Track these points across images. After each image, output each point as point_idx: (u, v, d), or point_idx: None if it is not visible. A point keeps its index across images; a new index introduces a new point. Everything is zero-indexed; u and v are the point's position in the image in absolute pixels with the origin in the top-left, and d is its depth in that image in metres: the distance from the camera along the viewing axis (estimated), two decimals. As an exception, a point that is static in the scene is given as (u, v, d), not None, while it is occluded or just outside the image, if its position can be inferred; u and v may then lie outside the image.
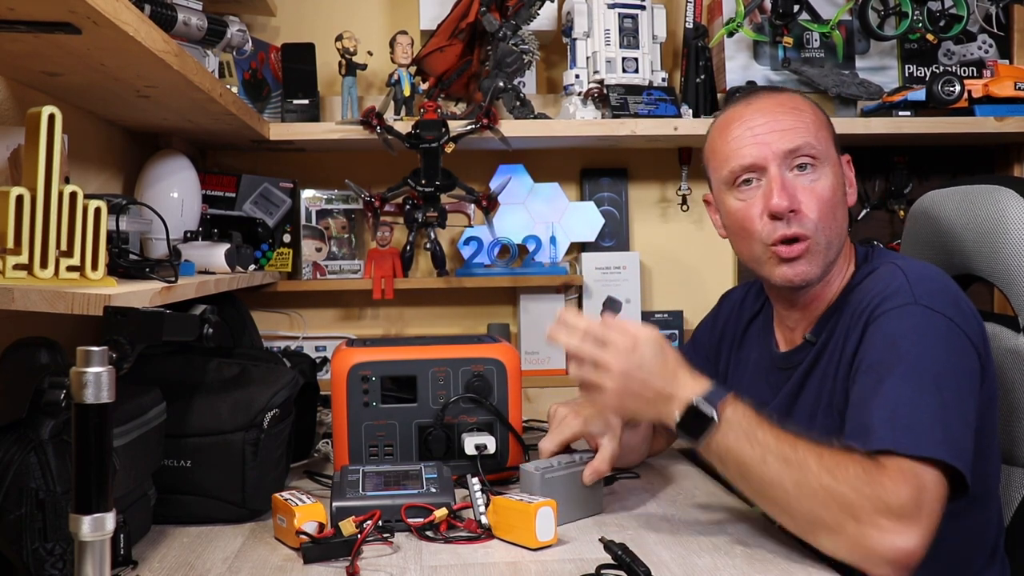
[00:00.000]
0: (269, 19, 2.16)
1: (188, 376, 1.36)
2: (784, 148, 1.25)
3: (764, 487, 1.09)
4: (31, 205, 0.99)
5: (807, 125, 1.27)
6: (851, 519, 1.02)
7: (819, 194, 1.25)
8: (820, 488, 1.04)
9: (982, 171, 2.23)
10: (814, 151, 1.25)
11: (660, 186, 2.26)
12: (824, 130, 1.29)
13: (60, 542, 0.98)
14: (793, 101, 1.30)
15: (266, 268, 1.97)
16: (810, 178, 1.25)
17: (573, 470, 1.29)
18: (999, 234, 1.40)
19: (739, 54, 2.13)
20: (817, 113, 1.31)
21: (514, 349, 1.58)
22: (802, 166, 1.25)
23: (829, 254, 1.26)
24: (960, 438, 1.08)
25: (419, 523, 1.21)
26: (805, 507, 1.06)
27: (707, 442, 1.12)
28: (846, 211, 1.29)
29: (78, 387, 0.80)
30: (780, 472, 1.07)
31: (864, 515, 1.02)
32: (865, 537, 1.02)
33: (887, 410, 1.09)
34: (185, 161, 1.72)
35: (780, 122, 1.26)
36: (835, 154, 1.30)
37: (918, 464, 1.04)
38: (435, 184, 1.95)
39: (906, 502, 1.02)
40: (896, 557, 1.02)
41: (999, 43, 2.19)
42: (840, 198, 1.28)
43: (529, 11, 1.93)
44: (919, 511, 1.03)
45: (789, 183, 1.25)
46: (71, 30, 1.02)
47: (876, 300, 1.20)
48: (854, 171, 1.34)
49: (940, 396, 1.09)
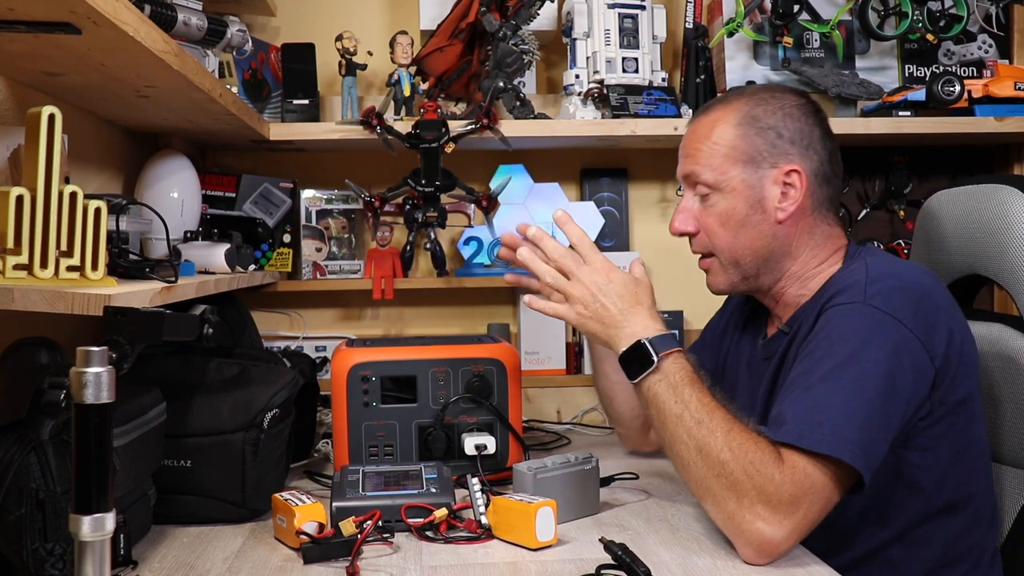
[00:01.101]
0: (269, 19, 2.16)
1: (188, 376, 1.36)
2: (682, 171, 1.36)
3: (673, 441, 1.16)
4: (31, 205, 0.99)
5: (702, 152, 1.31)
6: (733, 497, 1.10)
7: (715, 217, 1.32)
8: (717, 460, 1.11)
9: (982, 171, 2.23)
10: (706, 179, 1.31)
11: (660, 186, 2.26)
12: (727, 154, 1.29)
13: (60, 542, 0.98)
14: (707, 122, 1.33)
15: (266, 268, 1.96)
16: (706, 202, 1.33)
17: (567, 471, 1.30)
18: (1004, 234, 1.40)
19: (739, 54, 2.13)
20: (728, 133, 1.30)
21: (514, 349, 1.58)
22: (701, 194, 1.33)
23: (738, 270, 1.33)
24: (874, 440, 1.11)
25: (419, 523, 1.21)
26: (700, 472, 1.13)
27: (641, 382, 1.19)
28: (764, 228, 1.30)
29: (78, 387, 0.80)
30: (690, 432, 1.14)
31: (745, 498, 1.09)
32: (739, 517, 1.09)
33: (804, 404, 1.13)
34: (185, 161, 1.72)
35: (686, 147, 1.35)
36: (740, 176, 1.29)
37: (814, 462, 1.09)
38: (435, 184, 1.95)
39: (787, 498, 1.08)
40: (760, 544, 1.09)
41: (999, 43, 2.19)
42: (743, 218, 1.30)
43: (529, 11, 1.93)
44: (796, 509, 1.08)
45: (688, 205, 1.35)
46: (71, 30, 1.02)
47: (831, 293, 1.24)
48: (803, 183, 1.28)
49: (861, 395, 1.12)
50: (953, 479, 1.24)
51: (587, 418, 2.08)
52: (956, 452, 1.23)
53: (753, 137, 1.30)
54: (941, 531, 1.25)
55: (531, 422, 2.03)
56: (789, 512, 1.08)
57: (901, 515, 1.24)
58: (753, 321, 1.48)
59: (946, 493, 1.24)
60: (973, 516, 1.27)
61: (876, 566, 1.25)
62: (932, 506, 1.24)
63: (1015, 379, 1.38)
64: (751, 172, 1.29)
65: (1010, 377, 1.39)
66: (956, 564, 1.26)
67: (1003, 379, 1.40)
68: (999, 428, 1.40)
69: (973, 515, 1.26)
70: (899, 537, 1.24)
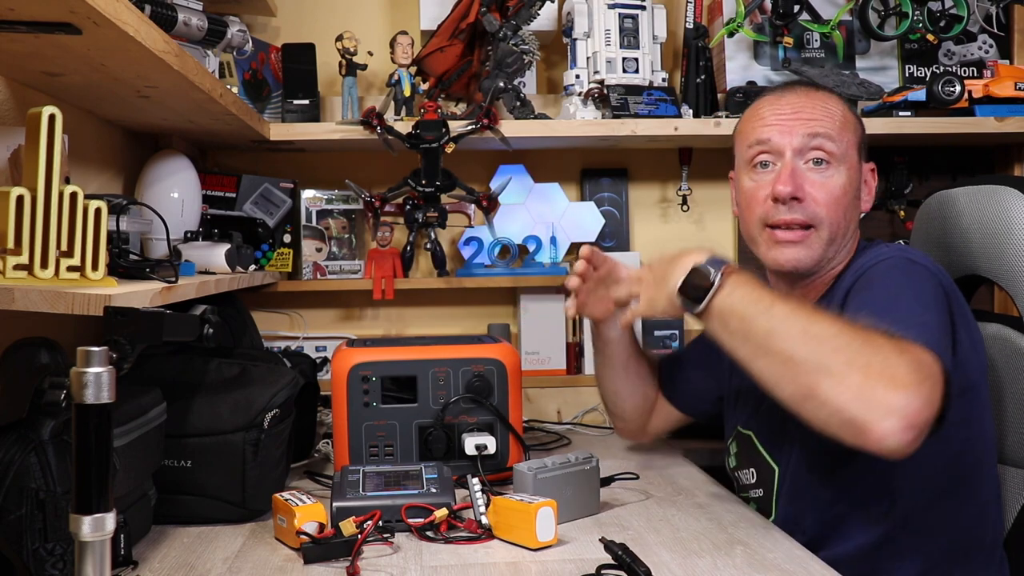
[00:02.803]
0: (269, 19, 2.16)
1: (188, 376, 1.36)
2: (803, 135, 1.29)
3: (768, 337, 1.05)
4: (31, 205, 0.99)
5: (832, 122, 1.30)
6: (859, 368, 0.99)
7: (828, 189, 1.28)
8: (832, 334, 1.02)
9: (982, 171, 2.23)
10: (831, 147, 1.28)
11: (660, 186, 2.26)
12: (849, 132, 1.32)
13: (60, 542, 0.98)
14: (827, 98, 1.34)
15: (266, 268, 1.96)
16: (823, 173, 1.29)
17: (567, 471, 1.30)
18: (1004, 234, 1.40)
19: (739, 54, 2.13)
20: (847, 115, 1.33)
21: (514, 349, 1.58)
22: (817, 160, 1.29)
23: (829, 249, 1.30)
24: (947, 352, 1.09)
25: (419, 523, 1.21)
26: (811, 350, 1.02)
27: (709, 305, 1.11)
28: (856, 214, 1.33)
29: (78, 387, 0.80)
30: (787, 318, 1.05)
31: (872, 367, 0.99)
32: (871, 388, 0.98)
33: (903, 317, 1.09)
34: (185, 161, 1.72)
35: (806, 112, 1.30)
36: (855, 157, 1.32)
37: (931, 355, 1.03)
38: (435, 184, 1.95)
39: (914, 366, 0.99)
40: (902, 410, 0.97)
41: (999, 43, 2.19)
42: (851, 199, 1.31)
43: (529, 11, 1.93)
44: (924, 381, 0.99)
45: (799, 172, 1.28)
46: (71, 30, 1.02)
47: (864, 265, 1.24)
48: (876, 181, 1.37)
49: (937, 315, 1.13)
50: (959, 469, 1.24)
51: (587, 418, 2.08)
52: (963, 441, 1.23)
53: (861, 129, 1.34)
54: (947, 522, 1.25)
55: (531, 422, 2.03)
56: (919, 382, 0.98)
57: (905, 503, 1.24)
58: None
59: (952, 482, 1.24)
60: (979, 509, 1.27)
61: (881, 555, 1.25)
62: (937, 494, 1.24)
63: (1015, 379, 1.38)
64: (860, 158, 1.33)
65: (1010, 377, 1.39)
66: (965, 558, 1.26)
67: (1003, 379, 1.40)
68: (1000, 428, 1.40)
69: (979, 508, 1.27)
70: (903, 526, 1.24)
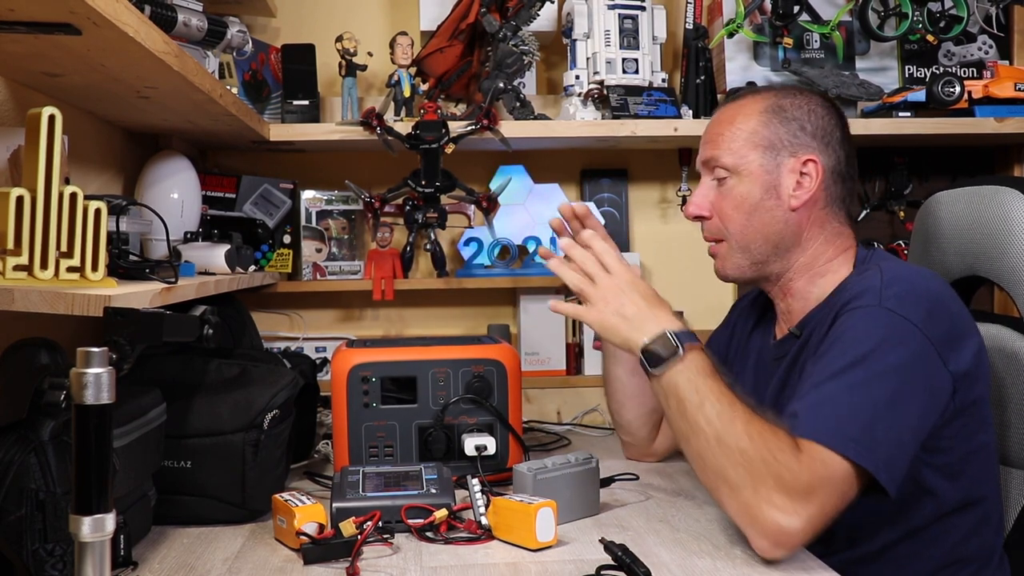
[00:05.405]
0: (269, 20, 2.16)
1: (188, 377, 1.36)
2: (704, 157, 1.37)
3: (692, 433, 1.16)
4: (31, 206, 0.99)
5: (728, 135, 1.34)
6: (750, 485, 1.09)
7: (729, 201, 1.34)
8: (736, 448, 1.11)
9: (982, 172, 2.23)
10: (725, 160, 1.33)
11: (660, 187, 2.26)
12: (747, 139, 1.32)
13: (60, 543, 0.98)
14: (732, 110, 1.37)
15: (266, 269, 1.96)
16: (723, 187, 1.35)
17: (567, 471, 1.30)
18: (1004, 235, 1.40)
19: (739, 55, 2.13)
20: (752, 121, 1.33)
21: (514, 350, 1.58)
22: (718, 178, 1.35)
23: (748, 255, 1.34)
24: (884, 441, 1.11)
25: (419, 524, 1.21)
26: (718, 461, 1.12)
27: (662, 374, 1.19)
28: (777, 215, 1.32)
29: (78, 388, 0.80)
30: (709, 422, 1.14)
31: (762, 486, 1.08)
32: (755, 507, 1.09)
33: (818, 401, 1.14)
34: (185, 162, 1.72)
35: (711, 131, 1.38)
36: (759, 161, 1.32)
37: (831, 455, 1.09)
38: (435, 185, 1.95)
39: (803, 487, 1.07)
40: (776, 534, 1.08)
41: (999, 44, 2.19)
42: (756, 203, 1.32)
43: (529, 12, 1.93)
44: (812, 499, 1.07)
45: (705, 191, 1.37)
46: (71, 31, 1.02)
47: (848, 298, 1.24)
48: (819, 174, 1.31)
49: (871, 395, 1.13)
50: (965, 480, 1.24)
51: (587, 419, 2.08)
52: (968, 454, 1.24)
53: (776, 125, 1.33)
54: (952, 531, 1.25)
55: (531, 423, 2.03)
56: (805, 502, 1.07)
57: (912, 515, 1.24)
58: (760, 325, 1.49)
59: (958, 494, 1.24)
60: (983, 517, 1.27)
61: (884, 563, 1.26)
62: (945, 507, 1.24)
63: (1016, 380, 1.38)
64: (770, 158, 1.32)
65: (1011, 378, 1.39)
66: (966, 563, 1.26)
67: (1004, 380, 1.40)
68: (1001, 429, 1.40)
69: (983, 516, 1.27)
70: (909, 535, 1.24)
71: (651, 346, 1.21)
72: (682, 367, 1.18)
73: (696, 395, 1.16)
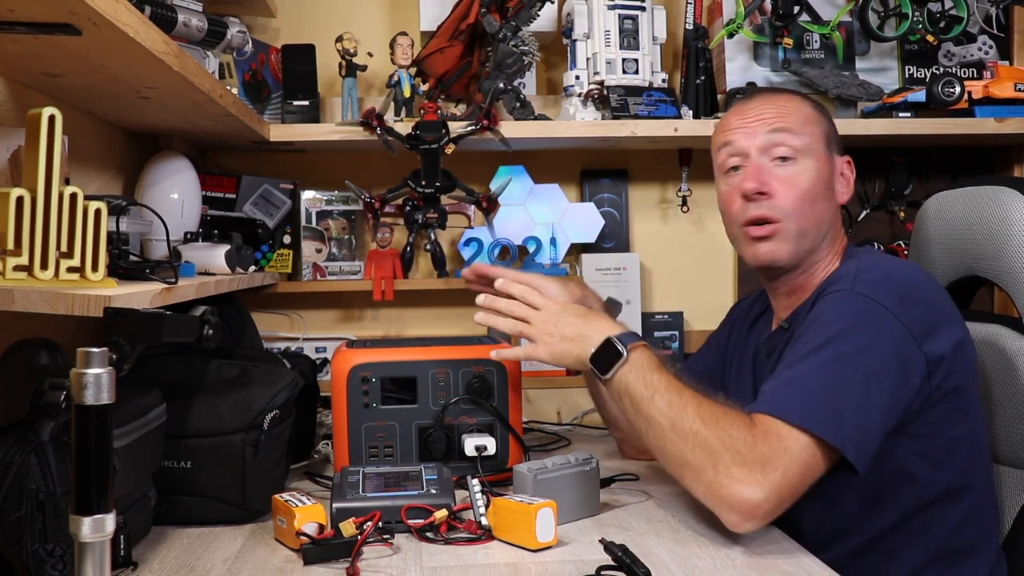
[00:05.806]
0: (269, 20, 2.16)
1: (188, 377, 1.36)
2: (764, 134, 1.33)
3: (649, 425, 1.20)
4: (31, 206, 0.99)
5: (792, 118, 1.34)
6: (710, 465, 1.13)
7: (794, 183, 1.32)
8: (691, 432, 1.15)
9: (982, 172, 2.23)
10: (793, 141, 1.32)
11: (660, 187, 2.26)
12: (813, 126, 1.35)
13: (60, 543, 0.98)
14: (787, 99, 1.38)
15: (266, 269, 1.96)
16: (789, 169, 1.33)
17: (567, 472, 1.30)
18: (1004, 235, 1.40)
19: (739, 55, 2.13)
20: (810, 112, 1.37)
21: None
22: (783, 157, 1.33)
23: (802, 241, 1.33)
24: (852, 418, 1.13)
25: (419, 524, 1.21)
26: (677, 448, 1.16)
27: (612, 377, 1.24)
28: (830, 206, 1.36)
29: (78, 388, 0.80)
30: (662, 412, 1.18)
31: (722, 464, 1.12)
32: (717, 484, 1.12)
33: (783, 381, 1.18)
34: (185, 162, 1.72)
35: (767, 113, 1.35)
36: (823, 150, 1.35)
37: (787, 428, 1.12)
38: (435, 185, 1.95)
39: (760, 457, 1.11)
40: (740, 505, 1.11)
41: (999, 44, 2.19)
42: (820, 192, 1.33)
43: (529, 12, 1.93)
44: (772, 467, 1.10)
45: (764, 169, 1.33)
46: (71, 31, 1.02)
47: (825, 286, 1.28)
48: (855, 174, 1.39)
49: (840, 375, 1.15)
50: (949, 467, 1.25)
51: (587, 419, 2.08)
52: (951, 440, 1.25)
53: (827, 123, 1.38)
54: (939, 520, 1.25)
55: (531, 423, 2.03)
56: (764, 472, 1.10)
57: (897, 502, 1.25)
58: (758, 323, 1.50)
59: (942, 481, 1.25)
60: (972, 508, 1.27)
61: (876, 554, 1.26)
62: (929, 493, 1.25)
63: (1014, 380, 1.38)
64: (830, 151, 1.36)
65: (1009, 378, 1.39)
66: (960, 557, 1.26)
67: (1002, 380, 1.40)
68: (997, 428, 1.40)
69: (972, 507, 1.27)
70: (897, 524, 1.25)
71: (598, 353, 1.27)
72: (629, 367, 1.23)
73: (646, 390, 1.21)
